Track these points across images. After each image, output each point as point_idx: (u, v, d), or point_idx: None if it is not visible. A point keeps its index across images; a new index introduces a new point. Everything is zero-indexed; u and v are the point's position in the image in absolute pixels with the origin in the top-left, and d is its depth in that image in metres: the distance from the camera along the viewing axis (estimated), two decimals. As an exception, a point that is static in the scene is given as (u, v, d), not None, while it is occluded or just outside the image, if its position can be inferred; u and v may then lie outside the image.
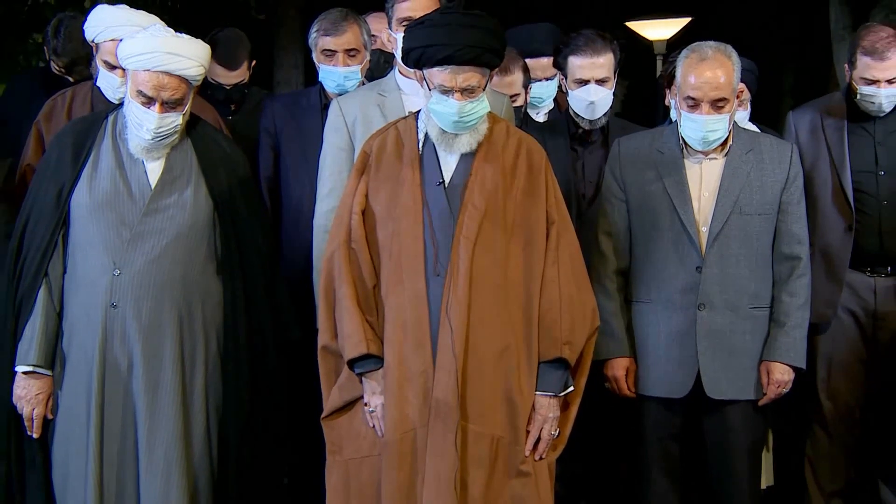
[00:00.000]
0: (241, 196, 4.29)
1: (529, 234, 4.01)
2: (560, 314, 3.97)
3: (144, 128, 4.10)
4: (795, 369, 4.52)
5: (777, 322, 4.50)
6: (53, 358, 4.15)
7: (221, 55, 5.38)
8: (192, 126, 4.27)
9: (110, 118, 4.26)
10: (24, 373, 4.13)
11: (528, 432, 3.98)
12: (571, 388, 4.05)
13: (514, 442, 3.96)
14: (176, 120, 4.13)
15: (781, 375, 4.49)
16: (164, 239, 4.12)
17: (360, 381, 3.99)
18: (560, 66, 5.12)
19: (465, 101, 3.91)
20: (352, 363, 3.96)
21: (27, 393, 4.13)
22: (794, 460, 5.74)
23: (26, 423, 4.14)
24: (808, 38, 10.58)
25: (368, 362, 3.95)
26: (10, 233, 4.33)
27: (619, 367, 4.52)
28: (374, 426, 3.97)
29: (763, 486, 5.03)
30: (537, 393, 4.00)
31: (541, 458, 4.00)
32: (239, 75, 5.56)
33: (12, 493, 4.19)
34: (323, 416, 4.07)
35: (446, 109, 3.93)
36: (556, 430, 4.02)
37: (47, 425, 4.16)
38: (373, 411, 3.97)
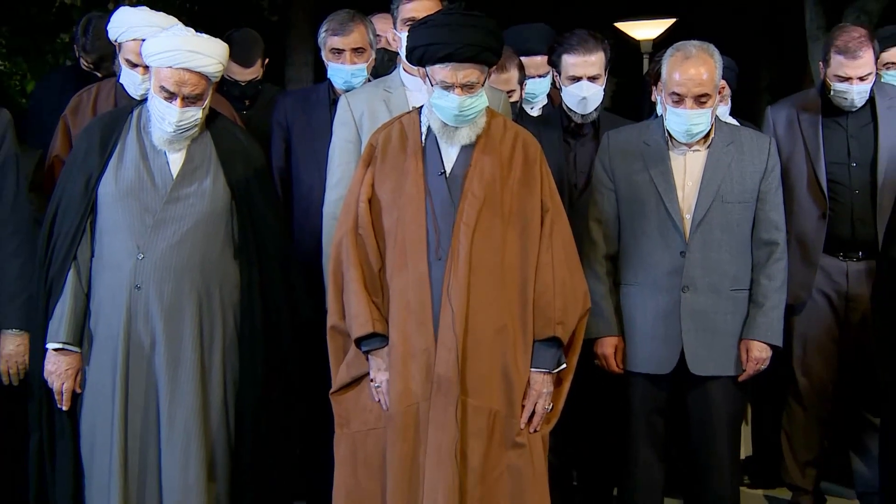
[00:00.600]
0: (257, 186, 4.30)
1: (525, 222, 4.02)
2: (553, 296, 3.99)
3: (167, 121, 4.11)
4: (773, 347, 4.54)
5: (756, 303, 4.52)
6: (81, 336, 4.16)
7: (237, 54, 5.39)
8: (212, 120, 4.27)
9: (135, 112, 4.27)
10: (55, 350, 4.13)
11: (523, 406, 3.99)
12: (564, 366, 4.06)
13: (511, 415, 3.98)
14: (196, 114, 4.14)
15: (760, 353, 4.51)
16: (185, 225, 4.13)
17: (367, 359, 4.01)
18: (554, 63, 5.12)
19: (465, 96, 3.93)
20: (358, 341, 3.98)
21: (57, 368, 4.14)
22: (772, 432, 5.77)
23: (56, 397, 4.15)
24: (784, 37, 10.57)
25: (374, 341, 3.97)
26: (40, 219, 4.34)
27: (608, 346, 4.54)
28: (379, 400, 3.99)
29: (742, 456, 5.04)
30: (532, 369, 4.01)
31: (535, 431, 4.01)
32: (253, 72, 5.57)
33: (43, 460, 4.20)
34: (332, 391, 4.09)
35: (447, 104, 3.94)
36: (549, 405, 4.03)
37: (75, 399, 4.17)
38: (378, 386, 3.98)
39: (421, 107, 4.13)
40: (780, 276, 4.55)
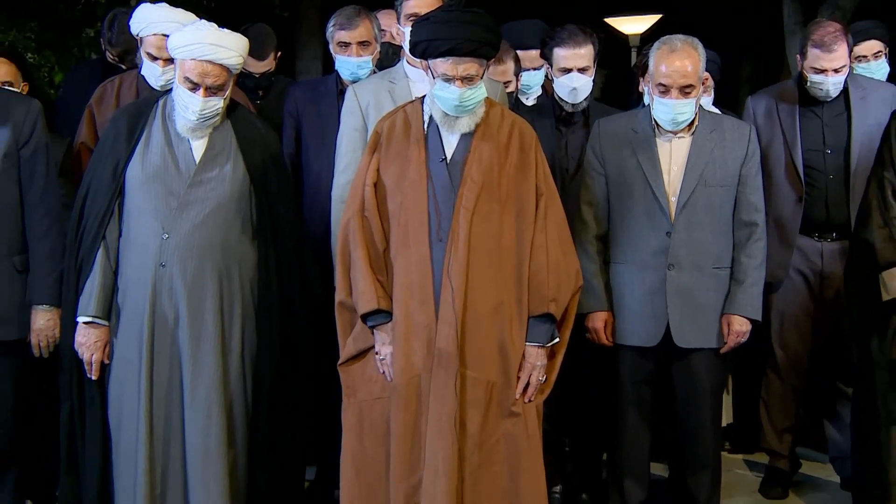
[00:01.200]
0: (274, 171, 4.31)
1: (521, 205, 4.04)
2: (547, 275, 4.01)
3: (190, 110, 4.13)
4: (752, 321, 4.56)
5: (737, 280, 4.54)
6: (110, 310, 4.19)
7: (251, 48, 5.37)
8: (232, 109, 4.29)
9: (160, 102, 4.28)
10: (85, 323, 4.16)
11: (518, 378, 4.02)
12: (557, 340, 4.10)
13: (507, 386, 4.00)
14: (217, 104, 4.16)
15: (740, 327, 4.53)
16: (207, 208, 4.15)
17: (372, 333, 4.03)
18: (547, 56, 5.14)
19: (465, 88, 3.95)
20: (364, 317, 4.01)
21: (87, 340, 4.16)
22: (751, 401, 5.80)
23: (86, 367, 4.17)
24: (763, 32, 10.55)
25: (379, 316, 4.00)
26: (68, 203, 4.37)
27: (598, 320, 4.55)
28: (383, 372, 4.01)
29: (723, 423, 5.06)
30: (527, 343, 4.04)
31: (529, 401, 4.04)
32: (266, 65, 5.58)
33: (74, 427, 4.23)
34: (339, 362, 4.12)
35: (448, 95, 3.96)
36: (543, 376, 4.06)
37: (104, 369, 4.19)
38: (383, 359, 4.01)
39: (423, 96, 4.15)
40: (759, 255, 4.57)
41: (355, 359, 4.10)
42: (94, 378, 4.19)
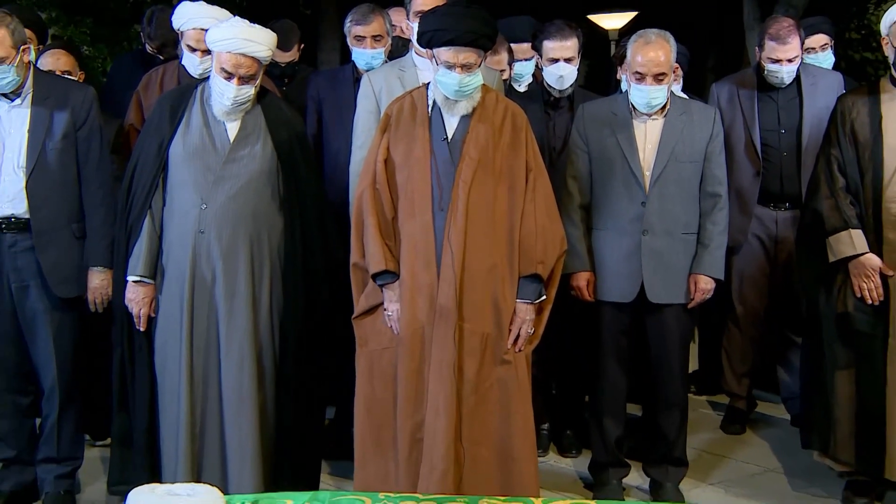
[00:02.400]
0: (299, 149, 4.29)
1: (512, 179, 4.04)
2: (535, 240, 4.01)
3: (225, 96, 4.11)
4: (716, 280, 4.55)
5: (702, 244, 4.52)
6: (155, 271, 4.18)
7: (278, 40, 5.36)
8: (262, 95, 4.26)
9: (199, 88, 4.25)
10: (134, 281, 4.16)
11: (510, 331, 4.02)
12: (544, 297, 4.10)
13: (500, 338, 4.01)
14: (249, 91, 4.13)
15: (705, 285, 4.52)
16: (240, 182, 4.13)
17: (381, 291, 4.04)
18: (537, 48, 5.14)
19: (464, 74, 3.94)
20: (374, 276, 4.02)
21: (136, 297, 4.16)
22: (714, 350, 5.83)
23: (135, 320, 4.18)
24: (726, 27, 10.52)
25: (386, 276, 4.01)
26: (119, 176, 4.37)
27: (581, 279, 4.54)
28: (391, 326, 4.02)
29: (690, 369, 5.06)
30: (517, 300, 4.04)
31: (520, 351, 4.04)
32: (291, 56, 5.55)
33: (125, 371, 4.24)
34: (353, 316, 4.13)
35: (449, 81, 3.95)
36: (531, 329, 4.06)
37: (151, 322, 4.20)
38: (390, 315, 4.02)
39: (428, 83, 4.13)
40: (722, 222, 4.55)
41: (367, 313, 4.11)
42: (141, 329, 4.19)
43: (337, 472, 4.84)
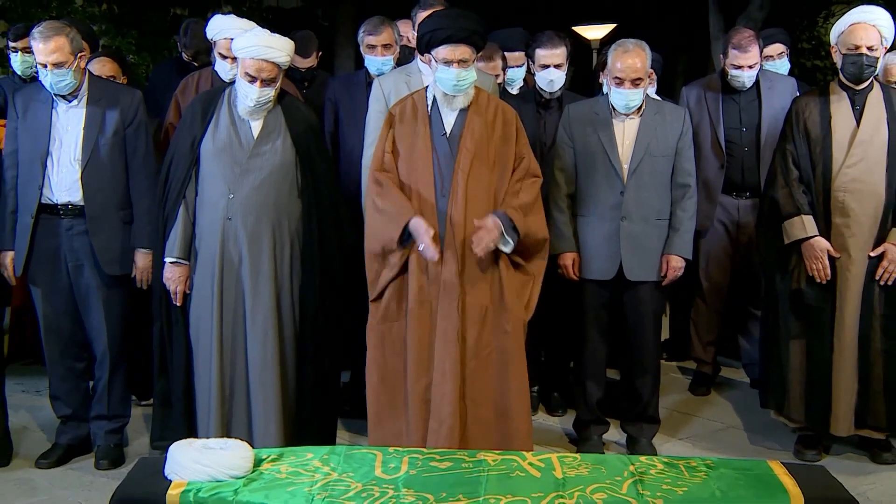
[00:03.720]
0: (315, 145, 4.24)
1: (504, 166, 4.03)
2: (517, 196, 4.00)
3: (249, 98, 4.06)
4: (685, 260, 4.51)
5: (673, 228, 4.48)
6: (189, 253, 4.15)
7: (298, 48, 5.30)
8: (282, 97, 4.21)
9: (226, 91, 4.21)
10: (170, 262, 4.13)
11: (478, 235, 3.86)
12: (511, 243, 3.93)
13: (500, 310, 3.98)
14: (270, 93, 4.09)
15: (676, 263, 4.48)
16: (263, 174, 4.08)
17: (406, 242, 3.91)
18: (530, 55, 5.10)
19: (461, 69, 3.92)
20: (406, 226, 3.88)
21: (172, 275, 4.13)
22: (683, 321, 5.83)
23: (172, 297, 4.15)
24: (695, 37, 10.48)
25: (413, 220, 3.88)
26: (158, 170, 4.31)
27: (567, 259, 4.50)
28: (430, 256, 3.86)
29: (662, 339, 5.04)
30: (493, 216, 3.89)
31: (511, 315, 3.99)
32: (310, 62, 5.49)
33: (164, 340, 4.22)
34: (371, 299, 4.09)
35: (447, 76, 3.93)
36: (492, 243, 3.89)
37: (186, 298, 4.17)
38: (422, 246, 3.86)
39: (426, 86, 4.10)
40: (691, 209, 4.51)
41: (379, 296, 4.06)
42: (178, 304, 4.16)
43: (351, 430, 4.82)
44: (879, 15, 4.32)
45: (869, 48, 4.27)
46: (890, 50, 4.51)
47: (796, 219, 4.39)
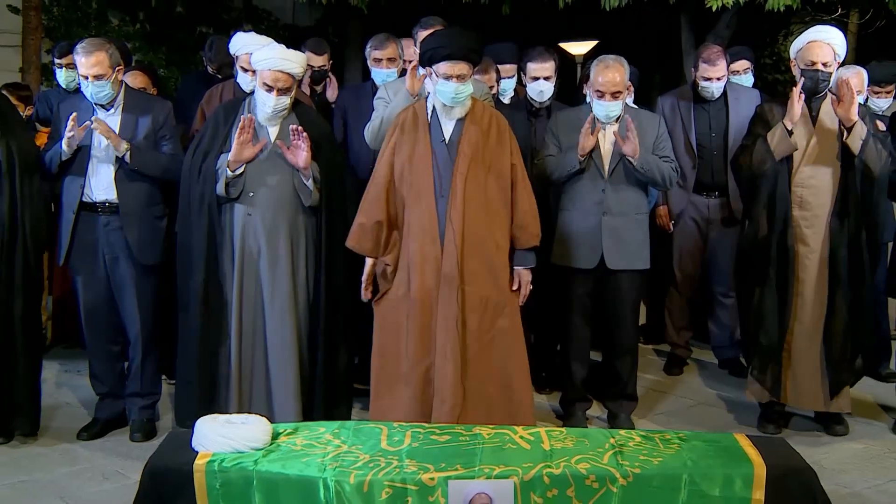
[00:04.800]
0: (326, 148, 4.20)
1: (499, 170, 3.99)
2: (531, 220, 4.01)
3: (267, 105, 4.05)
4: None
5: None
6: None
7: (312, 45, 5.36)
8: (296, 105, 4.19)
9: (247, 100, 4.20)
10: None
11: (515, 292, 4.00)
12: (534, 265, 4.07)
13: (498, 297, 3.98)
14: (286, 101, 4.07)
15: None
16: (279, 174, 4.07)
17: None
18: (521, 68, 5.10)
19: (459, 83, 3.90)
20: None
21: None
22: (658, 308, 5.83)
23: None
24: (671, 52, 10.48)
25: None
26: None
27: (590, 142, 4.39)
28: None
29: (639, 324, 5.03)
30: (521, 268, 4.01)
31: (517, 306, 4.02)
32: (322, 61, 5.41)
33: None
34: (374, 300, 4.07)
35: (447, 90, 3.90)
36: (530, 287, 4.04)
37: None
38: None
39: (427, 96, 4.07)
40: (666, 167, 4.45)
41: (383, 296, 4.04)
42: None
43: (366, 407, 4.79)
44: (833, 34, 4.33)
45: (824, 64, 4.29)
46: (841, 65, 4.54)
47: (774, 131, 4.25)
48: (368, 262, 3.99)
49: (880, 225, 4.74)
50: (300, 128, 3.99)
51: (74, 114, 4.16)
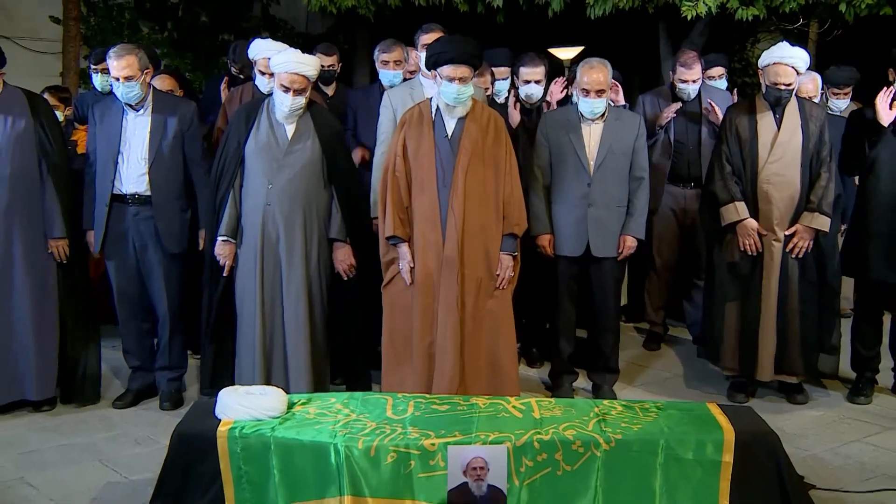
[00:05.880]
0: (338, 144, 4.21)
1: (496, 164, 3.99)
2: (514, 208, 4.01)
3: (284, 105, 4.04)
4: (638, 240, 4.47)
5: (630, 214, 4.42)
6: (236, 232, 4.11)
7: (322, 48, 5.34)
8: (311, 105, 4.17)
9: (266, 101, 4.18)
10: (222, 240, 4.10)
11: (497, 275, 3.99)
12: (517, 253, 4.05)
13: (490, 279, 3.98)
14: (301, 101, 4.06)
15: (632, 243, 4.44)
16: (295, 168, 4.06)
17: (396, 248, 4.01)
18: (514, 72, 5.08)
19: (461, 85, 3.90)
20: (388, 238, 3.99)
21: (222, 251, 4.11)
22: (639, 290, 5.81)
23: (221, 268, 4.14)
24: (648, 57, 10.45)
25: (395, 238, 3.97)
26: (211, 166, 4.27)
27: (544, 240, 4.45)
28: (404, 274, 3.99)
29: (621, 304, 5.01)
30: (502, 253, 4.00)
31: (503, 289, 4.01)
32: (332, 61, 5.37)
33: (212, 305, 4.18)
34: (383, 285, 4.08)
35: (450, 91, 3.91)
36: (512, 273, 4.03)
37: (232, 270, 4.14)
38: (402, 267, 3.99)
39: (431, 97, 4.07)
40: (644, 198, 4.46)
41: (391, 281, 4.04)
42: (225, 274, 4.13)
43: (376, 380, 4.78)
44: (796, 54, 4.34)
45: (786, 84, 4.31)
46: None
47: (731, 205, 4.37)
48: (404, 248, 3.97)
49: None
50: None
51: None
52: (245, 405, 3.19)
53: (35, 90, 4.63)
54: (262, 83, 4.82)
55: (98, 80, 5.52)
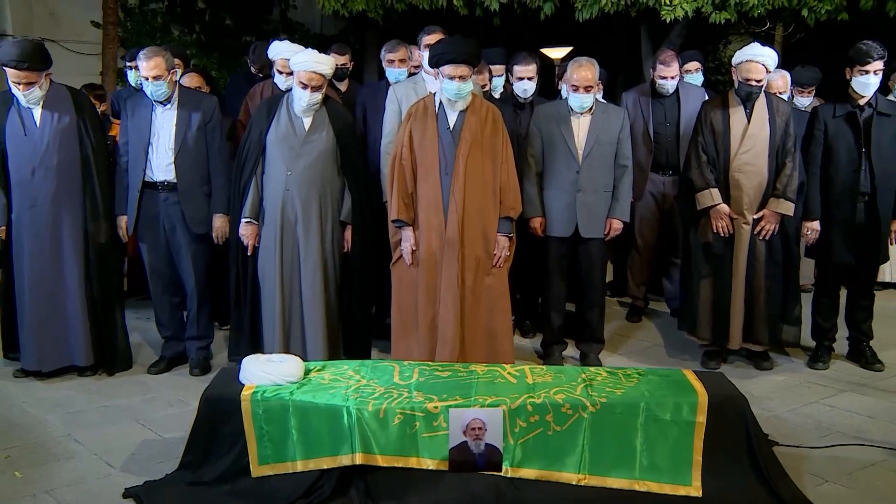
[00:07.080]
0: (350, 135, 4.18)
1: (494, 153, 3.96)
2: (509, 193, 3.99)
3: (302, 100, 4.02)
4: (623, 222, 4.45)
5: (615, 198, 4.40)
6: (259, 215, 4.10)
7: (336, 48, 5.29)
8: (326, 100, 4.14)
9: (285, 97, 4.15)
10: (245, 222, 4.09)
11: (494, 255, 3.97)
12: (512, 234, 4.04)
13: (488, 258, 3.97)
14: (318, 97, 4.04)
15: (617, 225, 4.41)
16: (312, 157, 4.04)
17: (399, 230, 4.01)
18: (509, 69, 5.03)
19: (461, 83, 3.87)
20: (393, 221, 3.99)
21: (246, 231, 4.10)
22: (622, 268, 5.80)
23: (245, 249, 4.13)
24: (632, 56, 10.37)
25: (401, 222, 3.95)
26: (233, 154, 4.26)
27: (536, 222, 4.42)
28: (406, 255, 3.98)
29: (606, 280, 4.99)
30: (498, 234, 3.98)
31: (500, 267, 3.99)
32: (345, 59, 5.33)
33: (238, 282, 4.18)
34: (392, 263, 4.05)
35: (451, 88, 3.87)
36: (508, 253, 4.02)
37: (255, 250, 4.13)
38: (404, 249, 3.98)
39: (434, 92, 4.04)
40: (628, 184, 4.43)
41: (399, 259, 4.03)
42: (249, 253, 4.12)
43: (385, 350, 4.78)
44: (766, 53, 4.30)
45: (757, 81, 4.28)
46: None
47: (706, 191, 4.34)
48: (407, 232, 3.95)
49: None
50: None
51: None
52: (266, 371, 3.19)
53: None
54: (279, 81, 4.79)
55: (132, 76, 5.55)
